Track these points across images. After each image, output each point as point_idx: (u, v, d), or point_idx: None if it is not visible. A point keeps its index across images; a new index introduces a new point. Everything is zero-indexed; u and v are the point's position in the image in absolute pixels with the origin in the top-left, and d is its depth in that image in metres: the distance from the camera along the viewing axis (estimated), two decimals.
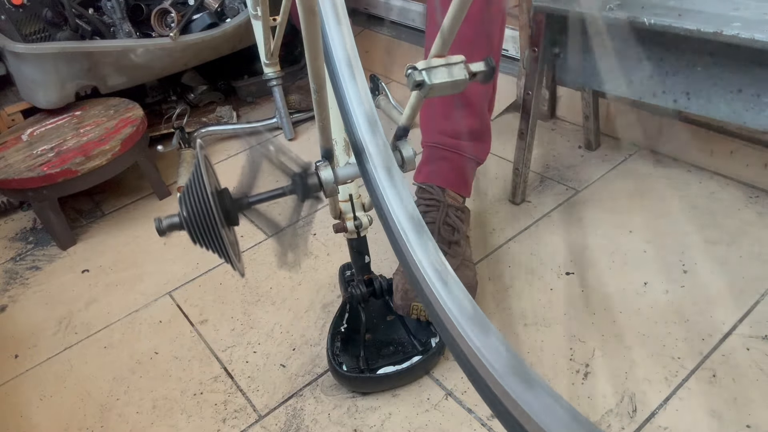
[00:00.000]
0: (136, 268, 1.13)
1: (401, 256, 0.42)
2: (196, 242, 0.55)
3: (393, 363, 0.81)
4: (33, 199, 1.17)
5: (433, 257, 0.38)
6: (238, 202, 0.56)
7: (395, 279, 0.86)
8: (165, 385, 0.89)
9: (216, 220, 0.53)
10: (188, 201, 0.54)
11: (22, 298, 1.11)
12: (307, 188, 0.55)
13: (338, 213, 0.81)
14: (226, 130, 1.50)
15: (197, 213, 0.53)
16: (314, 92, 0.53)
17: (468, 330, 0.33)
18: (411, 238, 0.40)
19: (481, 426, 0.75)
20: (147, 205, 1.32)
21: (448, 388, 0.81)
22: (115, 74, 1.35)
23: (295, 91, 1.51)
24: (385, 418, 0.78)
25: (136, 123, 1.26)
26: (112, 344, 0.97)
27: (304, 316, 0.96)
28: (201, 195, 0.53)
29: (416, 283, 0.39)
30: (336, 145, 0.81)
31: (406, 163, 0.53)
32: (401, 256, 0.42)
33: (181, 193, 0.56)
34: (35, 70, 1.26)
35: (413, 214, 0.41)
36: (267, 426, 0.80)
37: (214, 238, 0.54)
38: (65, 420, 0.86)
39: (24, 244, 1.25)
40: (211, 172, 0.57)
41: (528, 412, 0.28)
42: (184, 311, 1.01)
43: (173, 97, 1.61)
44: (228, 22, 1.44)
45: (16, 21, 1.27)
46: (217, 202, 0.53)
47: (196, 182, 0.54)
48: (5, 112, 1.37)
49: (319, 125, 0.57)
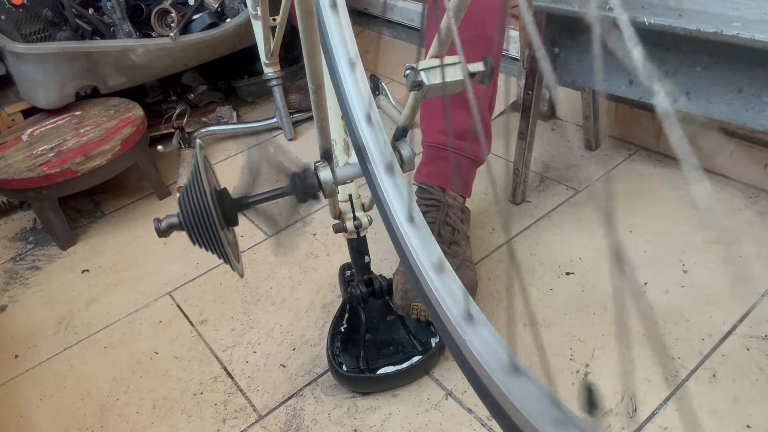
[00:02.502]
0: (136, 268, 1.13)
1: (402, 256, 0.42)
2: (195, 243, 0.55)
3: (393, 363, 0.81)
4: (33, 199, 1.17)
5: (434, 257, 0.38)
6: (237, 202, 0.56)
7: (395, 279, 0.86)
8: (165, 385, 0.89)
9: (215, 221, 0.53)
10: (187, 201, 0.54)
11: (22, 298, 1.11)
12: (306, 189, 0.55)
13: (338, 213, 0.81)
14: (226, 130, 1.50)
15: (196, 213, 0.53)
16: (313, 93, 0.53)
17: (466, 328, 0.33)
18: (412, 238, 0.40)
19: (481, 426, 0.75)
20: (147, 205, 1.32)
21: (448, 388, 0.81)
22: (115, 74, 1.35)
23: (295, 91, 1.51)
24: (385, 418, 0.78)
25: (136, 123, 1.26)
26: (112, 344, 0.97)
27: (304, 316, 0.96)
28: (200, 195, 0.53)
29: (416, 282, 0.39)
30: (335, 145, 0.81)
31: (405, 163, 0.53)
32: (402, 256, 0.42)
33: (180, 194, 0.56)
34: (35, 70, 1.26)
35: (414, 213, 0.41)
36: (267, 426, 0.80)
37: (213, 238, 0.54)
38: (65, 420, 0.86)
39: (24, 244, 1.25)
40: (210, 172, 0.57)
41: (513, 402, 0.29)
42: (184, 311, 1.01)
43: (173, 97, 1.61)
44: (228, 22, 1.44)
45: (16, 21, 1.27)
46: (215, 203, 0.53)
47: (194, 183, 0.54)
48: (5, 112, 1.37)
49: (318, 125, 0.57)
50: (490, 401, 0.31)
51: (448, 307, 0.35)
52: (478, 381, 0.31)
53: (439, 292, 0.36)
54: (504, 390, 0.29)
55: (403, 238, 0.40)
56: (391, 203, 0.42)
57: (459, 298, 0.35)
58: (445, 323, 0.35)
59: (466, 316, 0.34)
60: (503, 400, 0.29)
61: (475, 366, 0.32)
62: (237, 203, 0.56)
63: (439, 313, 0.36)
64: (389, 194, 0.42)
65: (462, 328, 0.34)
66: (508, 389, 0.29)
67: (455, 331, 0.34)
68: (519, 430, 0.28)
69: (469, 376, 0.33)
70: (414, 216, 0.41)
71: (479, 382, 0.31)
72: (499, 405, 0.30)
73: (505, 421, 0.29)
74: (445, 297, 0.36)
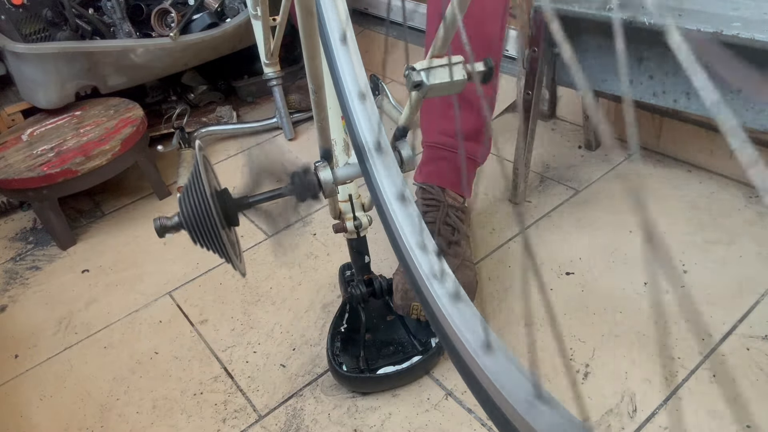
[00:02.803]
0: (136, 268, 1.13)
1: (400, 256, 0.42)
2: (197, 242, 0.55)
3: (393, 363, 0.81)
4: (33, 199, 1.17)
5: (433, 257, 0.38)
6: (238, 202, 0.56)
7: (395, 279, 0.86)
8: (165, 385, 0.89)
9: (216, 221, 0.53)
10: (188, 202, 0.54)
11: (22, 298, 1.11)
12: (306, 188, 0.55)
13: (338, 213, 0.81)
14: (226, 130, 1.50)
15: (197, 214, 0.53)
16: (313, 93, 0.53)
17: (463, 328, 0.33)
18: (410, 238, 0.40)
19: (481, 426, 0.75)
20: (147, 205, 1.32)
21: (448, 388, 0.81)
22: (115, 74, 1.35)
23: (295, 91, 1.51)
24: (385, 418, 0.78)
25: (136, 123, 1.26)
26: (112, 344, 0.98)
27: (304, 316, 0.96)
28: (200, 196, 0.53)
29: (415, 283, 0.39)
30: (335, 145, 0.81)
31: (405, 163, 0.53)
32: (400, 256, 0.42)
33: (180, 194, 0.56)
34: (35, 70, 1.26)
35: (413, 213, 0.41)
36: (267, 426, 0.80)
37: (214, 238, 0.54)
38: (65, 420, 0.86)
39: (24, 244, 1.25)
40: (210, 172, 0.57)
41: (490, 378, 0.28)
42: (184, 311, 1.01)
43: (173, 97, 1.61)
44: (228, 22, 1.44)
45: (16, 21, 1.27)
46: (216, 203, 0.53)
47: (195, 183, 0.54)
48: (5, 112, 1.37)
49: (318, 126, 0.57)
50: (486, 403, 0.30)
51: (446, 306, 0.35)
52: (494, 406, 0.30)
53: (437, 294, 0.36)
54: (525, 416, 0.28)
55: (403, 241, 0.40)
56: (391, 204, 0.42)
57: (459, 296, 0.35)
58: (443, 323, 0.35)
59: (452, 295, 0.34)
60: None
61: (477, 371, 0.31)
62: (237, 203, 0.56)
63: (436, 314, 0.36)
64: (389, 198, 0.42)
65: (463, 334, 0.33)
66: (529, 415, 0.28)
67: (457, 339, 0.34)
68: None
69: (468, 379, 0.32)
70: (414, 215, 0.41)
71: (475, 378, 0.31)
72: None
73: None
74: (443, 299, 0.36)
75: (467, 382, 0.32)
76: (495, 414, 0.29)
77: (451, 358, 0.34)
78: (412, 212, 0.40)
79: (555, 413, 0.27)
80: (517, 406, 0.28)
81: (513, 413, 0.28)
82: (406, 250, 0.38)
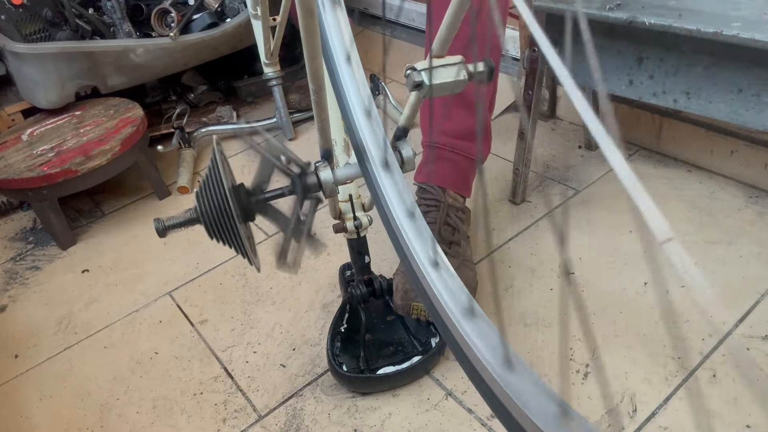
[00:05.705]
0: (136, 268, 1.13)
1: (402, 255, 0.42)
2: (213, 237, 0.56)
3: (393, 363, 0.81)
4: (33, 199, 1.17)
5: (434, 255, 0.38)
6: (254, 199, 0.56)
7: (395, 279, 0.86)
8: (165, 385, 0.89)
9: (233, 216, 0.53)
10: (205, 196, 0.54)
11: (22, 298, 1.11)
12: (306, 188, 0.55)
13: (338, 213, 0.81)
14: (226, 130, 1.50)
15: (215, 208, 0.53)
16: (313, 93, 0.53)
17: (465, 325, 0.33)
18: (412, 237, 0.40)
19: (481, 426, 0.75)
20: (147, 205, 1.32)
21: (448, 388, 0.81)
22: (115, 74, 1.35)
23: (295, 90, 1.51)
24: (385, 418, 0.78)
25: (136, 123, 1.26)
26: (112, 344, 0.98)
27: (304, 316, 0.96)
28: (218, 190, 0.53)
29: (416, 281, 0.39)
30: (335, 145, 0.81)
31: (405, 163, 0.53)
32: (402, 255, 0.42)
33: (197, 189, 0.56)
34: (35, 70, 1.26)
35: (414, 213, 0.41)
36: (267, 426, 0.80)
37: (232, 233, 0.54)
38: (65, 420, 0.86)
39: (24, 244, 1.25)
40: (227, 168, 0.57)
41: (513, 397, 0.28)
42: (184, 311, 1.01)
43: (173, 97, 1.61)
44: (228, 22, 1.44)
45: (16, 21, 1.27)
46: (234, 198, 0.53)
47: (213, 178, 0.54)
48: (5, 112, 1.37)
49: (318, 126, 0.57)
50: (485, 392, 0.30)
51: (447, 305, 0.35)
52: (477, 379, 0.31)
53: (438, 289, 0.36)
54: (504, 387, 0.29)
55: (402, 236, 0.40)
56: (390, 202, 0.42)
57: (459, 294, 0.35)
58: (444, 319, 0.35)
59: (465, 311, 0.34)
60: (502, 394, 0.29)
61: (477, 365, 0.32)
62: (254, 199, 0.56)
63: (438, 310, 0.36)
64: (390, 197, 0.42)
65: (461, 325, 0.33)
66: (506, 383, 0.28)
67: (454, 327, 0.34)
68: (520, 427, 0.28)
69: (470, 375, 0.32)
70: (415, 215, 0.41)
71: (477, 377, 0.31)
72: None
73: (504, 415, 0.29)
74: (444, 294, 0.36)
75: (488, 401, 0.31)
76: None
77: (469, 376, 0.33)
78: (422, 228, 0.40)
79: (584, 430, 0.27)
80: (544, 427, 0.27)
81: None
82: (418, 269, 0.38)
